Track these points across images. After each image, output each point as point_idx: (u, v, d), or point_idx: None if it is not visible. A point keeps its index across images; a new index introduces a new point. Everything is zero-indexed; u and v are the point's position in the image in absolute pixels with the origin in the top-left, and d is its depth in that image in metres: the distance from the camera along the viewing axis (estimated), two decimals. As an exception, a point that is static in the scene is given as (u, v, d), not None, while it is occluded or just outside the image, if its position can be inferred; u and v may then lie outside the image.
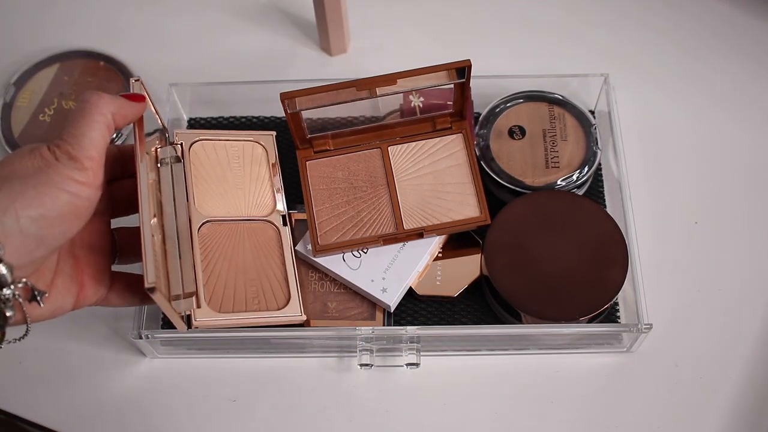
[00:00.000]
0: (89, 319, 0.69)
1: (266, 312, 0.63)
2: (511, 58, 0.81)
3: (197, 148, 0.68)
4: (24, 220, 0.46)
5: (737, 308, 0.68)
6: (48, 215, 0.47)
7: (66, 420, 0.65)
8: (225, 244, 0.65)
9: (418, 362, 0.64)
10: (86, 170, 0.49)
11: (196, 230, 0.64)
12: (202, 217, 0.65)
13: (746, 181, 0.74)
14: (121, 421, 0.65)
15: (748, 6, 0.84)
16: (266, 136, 0.71)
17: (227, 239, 0.65)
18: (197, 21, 0.85)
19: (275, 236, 0.67)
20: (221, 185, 0.67)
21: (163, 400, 0.65)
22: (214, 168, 0.68)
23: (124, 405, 0.66)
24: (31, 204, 0.46)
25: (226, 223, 0.66)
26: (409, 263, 0.66)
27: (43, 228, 0.47)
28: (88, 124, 0.50)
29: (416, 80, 0.64)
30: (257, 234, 0.67)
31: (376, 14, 0.85)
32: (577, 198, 0.68)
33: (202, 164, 0.68)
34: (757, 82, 0.79)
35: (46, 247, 0.48)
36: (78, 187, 0.48)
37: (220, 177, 0.68)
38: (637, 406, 0.64)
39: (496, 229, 0.66)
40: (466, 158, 0.69)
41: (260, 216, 0.67)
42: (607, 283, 0.64)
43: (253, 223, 0.67)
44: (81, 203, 0.49)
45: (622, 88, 0.76)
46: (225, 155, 0.69)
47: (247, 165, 0.69)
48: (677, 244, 0.71)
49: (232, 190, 0.68)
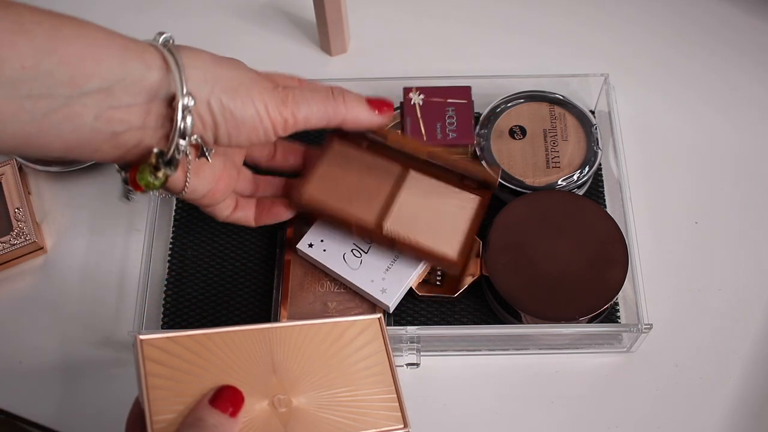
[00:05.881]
0: (89, 319, 0.69)
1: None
2: (511, 58, 0.81)
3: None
4: (215, 99, 0.50)
5: (737, 308, 0.68)
6: (234, 112, 0.51)
7: (66, 420, 0.65)
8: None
9: (418, 362, 0.64)
10: (286, 122, 0.54)
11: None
12: None
13: (746, 181, 0.74)
14: (122, 421, 0.65)
15: (748, 6, 0.84)
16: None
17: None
18: (197, 21, 0.85)
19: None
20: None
21: (163, 400, 0.65)
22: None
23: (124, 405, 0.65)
24: (229, 93, 0.50)
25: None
26: (410, 265, 0.66)
27: (225, 115, 0.51)
28: (318, 104, 0.55)
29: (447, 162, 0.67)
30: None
31: (376, 14, 0.85)
32: (577, 198, 0.68)
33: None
34: (757, 83, 0.79)
35: (214, 133, 0.52)
36: (271, 123, 0.53)
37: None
38: (637, 406, 0.64)
39: (496, 229, 0.66)
40: (473, 215, 0.66)
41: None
42: (607, 283, 0.64)
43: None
44: (262, 131, 0.53)
45: (622, 88, 0.76)
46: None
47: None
48: (677, 244, 0.71)
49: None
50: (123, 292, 0.70)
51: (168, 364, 0.47)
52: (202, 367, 0.47)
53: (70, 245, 0.73)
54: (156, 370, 0.47)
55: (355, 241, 0.67)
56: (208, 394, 0.46)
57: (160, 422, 0.45)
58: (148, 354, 0.47)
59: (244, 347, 0.49)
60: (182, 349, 0.48)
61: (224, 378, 0.47)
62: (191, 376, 0.47)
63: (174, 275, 0.71)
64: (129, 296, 0.70)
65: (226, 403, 0.46)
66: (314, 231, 0.68)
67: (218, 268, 0.71)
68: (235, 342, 0.49)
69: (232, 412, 0.46)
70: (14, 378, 0.67)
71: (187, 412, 0.45)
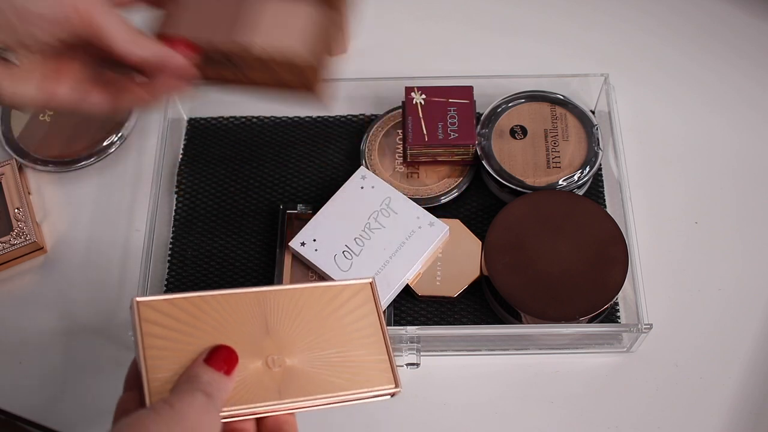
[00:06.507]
0: (89, 319, 0.69)
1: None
2: (511, 58, 0.81)
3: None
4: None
5: (737, 308, 0.68)
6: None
7: (66, 420, 0.65)
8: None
9: (418, 362, 0.64)
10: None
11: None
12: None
13: (746, 181, 0.74)
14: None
15: (748, 6, 0.84)
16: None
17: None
18: (197, 21, 0.85)
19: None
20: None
21: (164, 400, 0.65)
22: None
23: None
24: None
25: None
26: (401, 269, 0.66)
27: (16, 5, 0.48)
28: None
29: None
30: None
31: (376, 14, 0.85)
32: (577, 198, 0.68)
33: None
34: (756, 83, 0.79)
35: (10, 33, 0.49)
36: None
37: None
38: (637, 406, 0.65)
39: (496, 229, 0.66)
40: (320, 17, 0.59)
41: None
42: (607, 283, 0.64)
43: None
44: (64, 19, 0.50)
45: (622, 88, 0.76)
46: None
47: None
48: (677, 244, 0.71)
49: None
50: (123, 293, 0.70)
51: (164, 325, 0.48)
52: (197, 328, 0.48)
53: (70, 245, 0.73)
54: (152, 330, 0.47)
55: (347, 243, 0.67)
56: (204, 353, 0.47)
57: (155, 380, 0.46)
58: (144, 315, 0.48)
59: (239, 309, 0.50)
60: (178, 311, 0.48)
61: (219, 339, 0.48)
62: (187, 336, 0.48)
63: (174, 276, 0.71)
64: (129, 296, 0.69)
65: (220, 361, 0.47)
66: (308, 230, 0.68)
67: (218, 268, 0.71)
68: (231, 304, 0.50)
69: (227, 371, 0.47)
70: (14, 378, 0.67)
71: (182, 372, 0.46)
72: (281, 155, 0.76)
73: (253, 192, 0.74)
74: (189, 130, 0.78)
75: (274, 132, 0.77)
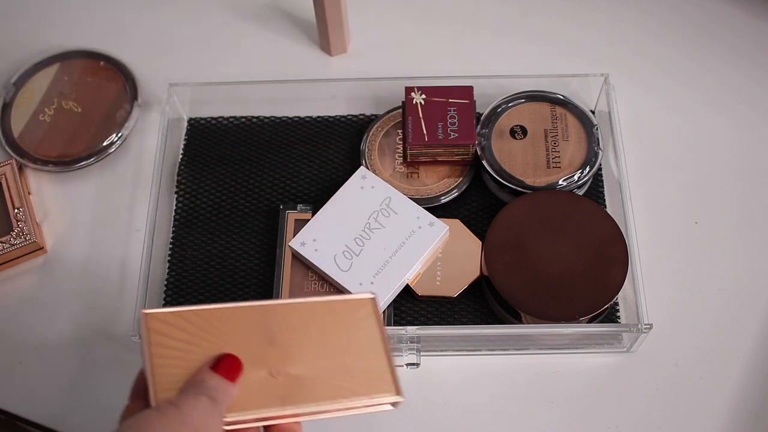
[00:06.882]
0: (89, 319, 0.69)
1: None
2: (511, 58, 0.81)
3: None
4: None
5: (737, 308, 0.68)
6: None
7: (66, 420, 0.65)
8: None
9: (418, 362, 0.64)
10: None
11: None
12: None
13: (746, 182, 0.74)
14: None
15: (748, 6, 0.84)
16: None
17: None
18: (197, 21, 0.85)
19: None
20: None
21: (164, 400, 0.65)
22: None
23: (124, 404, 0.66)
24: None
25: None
26: (401, 269, 0.66)
27: None
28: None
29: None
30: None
31: (376, 14, 0.85)
32: (577, 198, 0.68)
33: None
34: (756, 83, 0.79)
35: None
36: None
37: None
38: (637, 406, 0.65)
39: (496, 229, 0.66)
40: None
41: None
42: (607, 283, 0.64)
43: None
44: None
45: (622, 88, 0.76)
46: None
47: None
48: (677, 244, 0.71)
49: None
50: (123, 293, 0.70)
51: (172, 336, 0.49)
52: (203, 339, 0.50)
53: (70, 245, 0.73)
54: (160, 340, 0.49)
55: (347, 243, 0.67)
56: (210, 360, 0.48)
57: (162, 387, 0.47)
58: (152, 326, 0.49)
59: (244, 322, 0.51)
60: (185, 323, 0.50)
61: (225, 349, 0.49)
62: (193, 346, 0.49)
63: (174, 275, 0.71)
64: (129, 296, 0.70)
65: (225, 368, 0.48)
66: (308, 230, 0.68)
67: (218, 268, 0.71)
68: (236, 317, 0.51)
69: (232, 378, 0.48)
70: (14, 378, 0.67)
71: (188, 379, 0.48)
72: (281, 155, 0.76)
73: (253, 192, 0.74)
74: (189, 130, 0.78)
75: (274, 132, 0.77)
